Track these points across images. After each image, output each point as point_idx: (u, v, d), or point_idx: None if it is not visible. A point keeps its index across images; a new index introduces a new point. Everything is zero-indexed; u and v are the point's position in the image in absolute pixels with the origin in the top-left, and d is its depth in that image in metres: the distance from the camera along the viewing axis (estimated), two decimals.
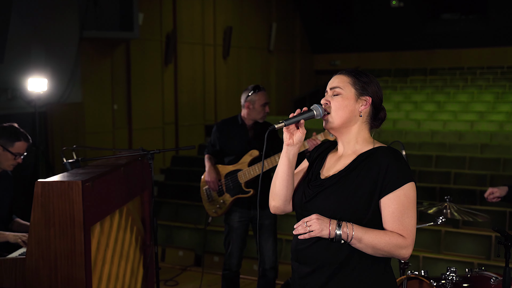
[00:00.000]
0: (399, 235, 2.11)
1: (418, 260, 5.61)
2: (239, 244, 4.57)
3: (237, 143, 4.55)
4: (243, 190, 4.46)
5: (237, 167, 4.50)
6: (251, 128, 4.56)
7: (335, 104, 2.24)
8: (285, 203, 2.37)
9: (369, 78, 2.28)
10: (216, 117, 12.15)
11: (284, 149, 2.30)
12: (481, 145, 9.02)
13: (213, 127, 4.75)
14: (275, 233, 4.61)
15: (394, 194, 2.12)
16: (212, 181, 4.49)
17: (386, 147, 2.22)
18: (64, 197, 2.82)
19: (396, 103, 12.13)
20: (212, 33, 11.97)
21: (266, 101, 4.50)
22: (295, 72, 15.47)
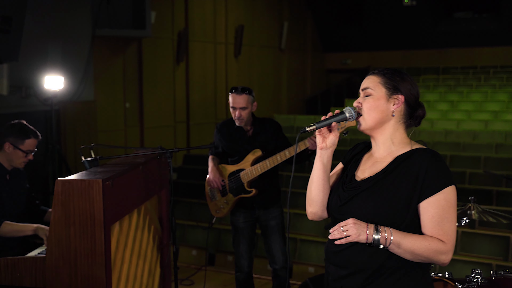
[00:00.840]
0: (439, 240, 2.05)
1: None
2: (247, 245, 4.54)
3: (237, 144, 4.50)
4: (245, 190, 4.43)
5: (240, 166, 4.47)
6: (249, 127, 4.50)
7: (366, 105, 2.20)
8: (322, 209, 2.32)
9: (401, 76, 2.23)
10: (227, 115, 12.11)
11: (317, 153, 2.26)
12: (496, 145, 8.94)
13: (215, 129, 4.70)
14: (283, 233, 4.56)
15: (434, 198, 2.06)
16: (214, 180, 4.46)
17: (425, 149, 2.16)
18: (85, 196, 2.79)
19: None
20: (223, 31, 11.94)
21: (233, 105, 4.36)
22: (306, 71, 15.41)
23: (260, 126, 4.51)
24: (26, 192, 3.98)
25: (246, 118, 4.39)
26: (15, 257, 2.94)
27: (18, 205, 3.89)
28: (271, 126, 4.56)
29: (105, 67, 9.19)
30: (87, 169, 3.27)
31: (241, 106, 4.34)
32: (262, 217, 4.53)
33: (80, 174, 3.00)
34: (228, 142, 4.55)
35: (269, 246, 4.53)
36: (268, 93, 13.59)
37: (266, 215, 4.51)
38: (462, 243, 6.03)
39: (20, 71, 7.27)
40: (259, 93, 13.13)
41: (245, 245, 4.53)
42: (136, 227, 3.45)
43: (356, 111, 2.21)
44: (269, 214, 4.51)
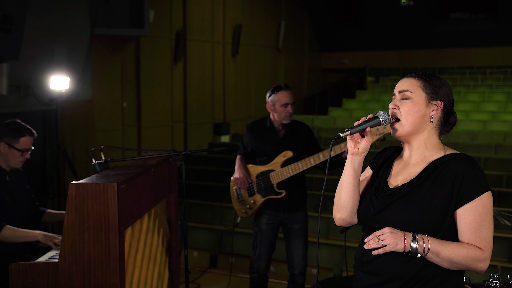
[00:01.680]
0: (476, 248, 2.02)
1: None
2: (267, 247, 4.47)
3: (268, 145, 4.45)
4: (275, 191, 4.37)
5: (269, 167, 4.40)
6: (281, 128, 4.47)
7: (404, 110, 2.13)
8: (351, 215, 2.26)
9: (440, 81, 2.18)
10: (224, 115, 12.06)
11: (348, 159, 2.20)
12: (495, 145, 8.94)
13: (245, 128, 4.67)
14: (306, 237, 4.51)
15: (471, 204, 2.02)
16: (241, 177, 4.39)
17: (460, 154, 2.12)
18: (99, 200, 2.74)
19: None
20: (221, 31, 11.89)
21: (287, 101, 4.35)
22: (303, 71, 15.38)
23: (291, 128, 4.47)
24: (27, 193, 3.91)
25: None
26: (27, 263, 2.88)
27: (20, 207, 3.82)
28: (302, 128, 4.53)
29: (103, 66, 9.12)
30: (97, 172, 3.21)
31: (292, 101, 4.40)
32: (286, 220, 4.46)
33: (93, 177, 2.94)
34: (259, 142, 4.50)
35: (290, 250, 4.47)
36: (265, 93, 13.46)
37: (290, 219, 4.45)
38: None
39: (18, 70, 7.18)
40: (256, 92, 13.10)
41: (266, 247, 4.47)
42: (147, 230, 3.41)
43: (390, 116, 2.15)
44: (294, 217, 4.45)
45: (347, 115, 11.71)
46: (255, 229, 4.51)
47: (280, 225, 4.52)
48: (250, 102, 12.93)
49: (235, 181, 4.45)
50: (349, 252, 6.06)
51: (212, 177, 8.88)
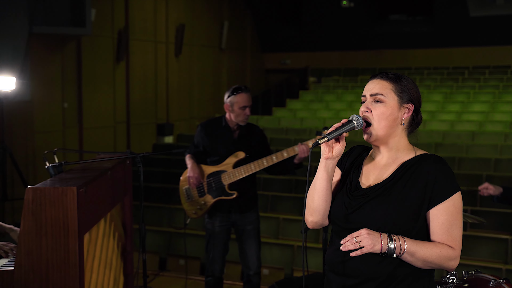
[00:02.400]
0: (448, 247, 2.06)
1: None
2: (221, 249, 4.45)
3: (222, 145, 4.42)
4: (226, 192, 4.34)
5: (221, 168, 4.37)
6: (236, 129, 4.45)
7: (377, 113, 2.14)
8: (323, 217, 2.26)
9: (408, 82, 2.20)
10: (168, 116, 11.92)
11: (322, 163, 2.19)
12: (435, 144, 9.21)
13: (197, 127, 4.61)
14: (259, 238, 4.52)
15: (443, 204, 2.06)
16: (195, 176, 4.33)
17: (430, 155, 2.16)
18: (58, 205, 2.64)
19: (349, 102, 12.26)
20: (164, 30, 11.75)
21: (246, 104, 4.34)
22: (246, 71, 15.40)
23: (246, 129, 4.46)
24: None
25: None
26: None
27: None
28: (257, 131, 4.53)
29: (43, 65, 8.83)
30: (52, 176, 3.09)
31: (251, 104, 4.38)
32: (238, 222, 4.45)
33: (49, 181, 2.84)
34: (212, 141, 4.46)
35: (244, 251, 4.46)
36: (209, 93, 13.49)
37: (242, 220, 4.44)
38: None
39: None
40: (200, 92, 13.02)
41: (220, 249, 4.44)
42: (103, 235, 3.31)
43: (363, 119, 2.15)
44: (246, 218, 4.44)
45: (291, 116, 11.80)
46: (207, 232, 4.47)
47: (232, 226, 4.50)
48: (193, 102, 12.84)
49: (188, 179, 4.39)
50: (298, 251, 6.13)
51: (157, 178, 8.76)
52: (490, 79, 12.89)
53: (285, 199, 7.49)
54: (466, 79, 13.10)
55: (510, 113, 10.52)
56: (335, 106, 12.14)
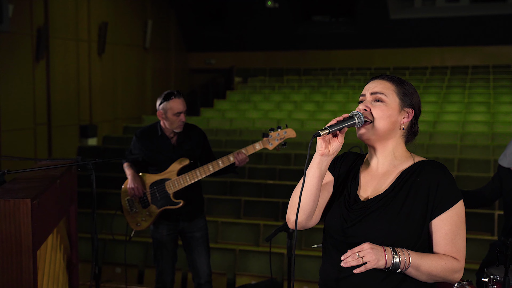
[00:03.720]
0: (453, 259, 1.97)
1: None
2: (170, 259, 4.24)
3: (161, 154, 4.20)
4: (171, 201, 4.13)
5: (164, 175, 4.15)
6: (172, 135, 4.23)
7: (377, 113, 2.04)
8: (308, 218, 2.10)
9: (411, 87, 2.11)
10: (91, 117, 11.45)
11: (316, 159, 2.03)
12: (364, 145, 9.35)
13: (133, 137, 4.35)
14: (208, 245, 4.35)
15: (446, 214, 1.97)
16: (136, 187, 4.10)
17: (430, 161, 2.07)
18: (10, 219, 2.39)
19: (276, 102, 12.26)
20: (86, 28, 11.27)
21: (181, 110, 4.10)
22: (170, 71, 15.09)
23: (184, 134, 4.25)
24: None
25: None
26: None
27: None
28: (196, 134, 4.33)
29: None
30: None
31: (185, 109, 4.15)
32: (186, 229, 4.26)
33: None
34: (151, 151, 4.23)
35: (194, 260, 4.27)
36: (133, 93, 13.11)
37: (191, 227, 4.26)
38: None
39: None
40: (124, 93, 12.62)
41: (169, 259, 4.23)
42: (51, 248, 3.05)
43: (364, 117, 2.03)
44: (194, 226, 4.26)
45: (220, 116, 11.66)
46: (155, 241, 4.26)
47: (179, 234, 4.31)
48: (117, 103, 12.43)
49: (129, 191, 4.15)
50: (240, 256, 6.04)
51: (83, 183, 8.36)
52: (410, 80, 13.28)
53: (222, 202, 7.36)
54: None
55: (433, 113, 10.87)
56: (263, 107, 12.11)
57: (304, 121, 10.87)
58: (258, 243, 6.56)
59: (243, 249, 6.16)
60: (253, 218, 7.16)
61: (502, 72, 13.31)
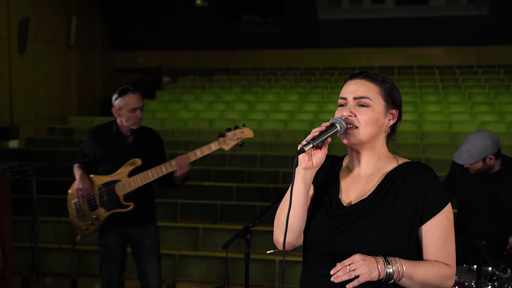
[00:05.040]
0: (445, 265, 1.88)
1: None
2: (118, 268, 4.00)
3: (115, 153, 3.98)
4: (121, 204, 3.90)
5: (114, 177, 3.92)
6: (129, 134, 4.02)
7: (364, 119, 1.90)
8: (298, 237, 1.97)
9: (392, 84, 1.98)
10: (12, 117, 10.84)
11: (299, 174, 1.89)
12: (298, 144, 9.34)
13: (86, 134, 4.10)
14: (159, 253, 4.14)
15: (437, 218, 1.87)
16: (85, 188, 3.85)
17: (415, 163, 1.95)
18: None
19: (208, 102, 12.08)
20: (5, 24, 10.65)
21: (136, 106, 3.93)
22: (96, 70, 14.55)
23: (141, 134, 4.05)
24: None
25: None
26: None
27: None
28: (152, 135, 4.14)
29: None
30: None
31: (141, 105, 3.97)
32: (136, 236, 4.02)
33: None
34: (104, 149, 3.99)
35: (143, 268, 4.04)
36: (57, 93, 12.55)
37: (140, 234, 4.03)
38: None
39: None
40: (47, 92, 12.06)
41: (117, 268, 3.98)
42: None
43: (346, 123, 1.90)
44: (144, 232, 4.04)
45: (150, 116, 11.34)
46: (101, 249, 4.00)
47: (128, 242, 4.08)
48: (40, 103, 11.84)
49: (77, 192, 3.89)
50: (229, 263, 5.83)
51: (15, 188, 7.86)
52: (340, 80, 13.43)
53: (157, 205, 7.10)
54: (318, 79, 13.55)
55: None
56: (194, 107, 11.90)
57: (237, 121, 10.75)
58: (197, 247, 6.37)
59: (183, 254, 5.95)
60: (191, 221, 6.96)
61: (426, 73, 13.72)
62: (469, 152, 3.75)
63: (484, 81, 12.63)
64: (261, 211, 3.53)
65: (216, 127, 10.54)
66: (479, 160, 3.75)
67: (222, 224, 6.90)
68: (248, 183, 8.10)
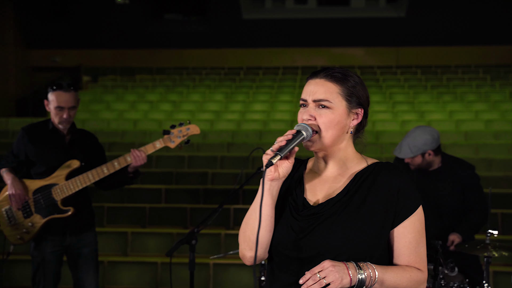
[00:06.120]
0: (417, 270, 1.80)
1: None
2: (53, 280, 3.72)
3: (51, 152, 3.70)
4: (59, 209, 3.63)
5: (51, 181, 3.65)
6: (66, 133, 3.75)
7: (324, 121, 1.79)
8: (266, 250, 1.86)
9: (356, 81, 1.86)
10: None
11: (265, 185, 1.77)
12: (227, 144, 9.25)
13: (19, 132, 3.79)
14: (97, 262, 3.90)
15: (409, 221, 1.79)
16: (18, 193, 3.55)
17: (385, 164, 1.86)
18: None
19: (131, 102, 11.74)
20: None
21: (63, 105, 3.65)
22: (8, 68, 13.82)
23: (78, 134, 3.80)
24: None
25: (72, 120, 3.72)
26: None
27: None
28: (89, 135, 3.90)
29: None
30: None
31: (71, 105, 3.65)
32: (73, 245, 3.75)
33: None
34: (39, 148, 3.70)
35: (80, 279, 3.79)
36: None
37: (78, 242, 3.76)
38: None
39: None
40: None
41: (52, 280, 3.70)
42: None
43: (311, 128, 1.79)
44: (82, 241, 3.77)
45: None
46: (36, 259, 3.70)
47: (65, 252, 3.81)
48: None
49: (9, 198, 3.60)
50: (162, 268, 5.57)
51: None
52: (264, 79, 13.46)
53: (122, 210, 6.86)
54: (242, 79, 13.49)
55: (289, 112, 11.05)
56: (117, 107, 11.52)
57: (162, 121, 10.50)
58: (126, 253, 6.13)
59: (112, 261, 5.70)
60: (119, 225, 6.71)
61: None
62: (408, 146, 3.80)
63: (403, 81, 13.00)
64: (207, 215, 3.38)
65: (141, 128, 10.25)
66: (418, 154, 3.80)
67: (152, 228, 6.69)
68: (177, 184, 7.91)
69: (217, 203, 6.11)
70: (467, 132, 9.54)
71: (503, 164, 8.23)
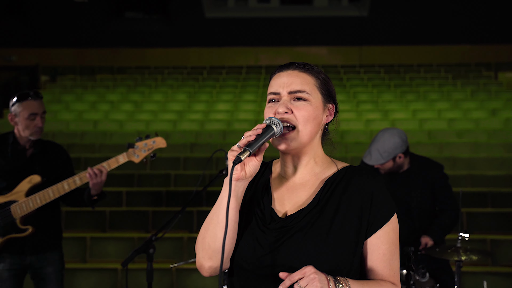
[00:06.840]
0: (392, 285, 1.65)
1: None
2: None
3: (10, 167, 3.46)
4: (17, 228, 3.40)
5: (10, 197, 3.42)
6: (28, 147, 3.52)
7: (303, 115, 1.64)
8: (227, 260, 1.68)
9: (325, 75, 1.74)
10: None
11: (231, 186, 1.57)
12: (190, 145, 9.07)
13: None
14: (62, 284, 3.64)
15: (383, 230, 1.65)
16: None
17: (356, 168, 1.72)
18: None
19: (91, 103, 11.43)
20: None
21: (36, 111, 3.45)
22: None
23: (41, 146, 3.55)
24: None
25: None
26: None
27: None
28: (54, 148, 3.64)
29: None
30: None
31: (43, 110, 3.50)
32: (35, 264, 3.50)
33: None
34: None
35: None
36: None
37: (41, 261, 3.51)
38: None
39: None
40: None
41: None
42: None
43: (283, 123, 1.63)
44: (45, 259, 3.52)
45: None
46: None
47: (26, 271, 3.57)
48: None
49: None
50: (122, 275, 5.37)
51: None
52: (228, 79, 13.29)
53: (81, 214, 6.62)
54: (205, 78, 13.31)
55: (253, 111, 10.92)
56: (76, 107, 11.20)
57: (123, 122, 10.26)
58: (85, 259, 5.91)
59: (70, 268, 5.46)
60: (77, 230, 6.47)
61: None
62: (379, 152, 3.67)
63: (367, 80, 13.01)
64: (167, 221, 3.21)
65: (101, 129, 9.98)
66: (389, 159, 3.69)
67: (112, 233, 6.48)
68: (138, 187, 7.69)
69: (181, 206, 5.94)
70: (431, 131, 9.57)
71: (467, 163, 8.26)
